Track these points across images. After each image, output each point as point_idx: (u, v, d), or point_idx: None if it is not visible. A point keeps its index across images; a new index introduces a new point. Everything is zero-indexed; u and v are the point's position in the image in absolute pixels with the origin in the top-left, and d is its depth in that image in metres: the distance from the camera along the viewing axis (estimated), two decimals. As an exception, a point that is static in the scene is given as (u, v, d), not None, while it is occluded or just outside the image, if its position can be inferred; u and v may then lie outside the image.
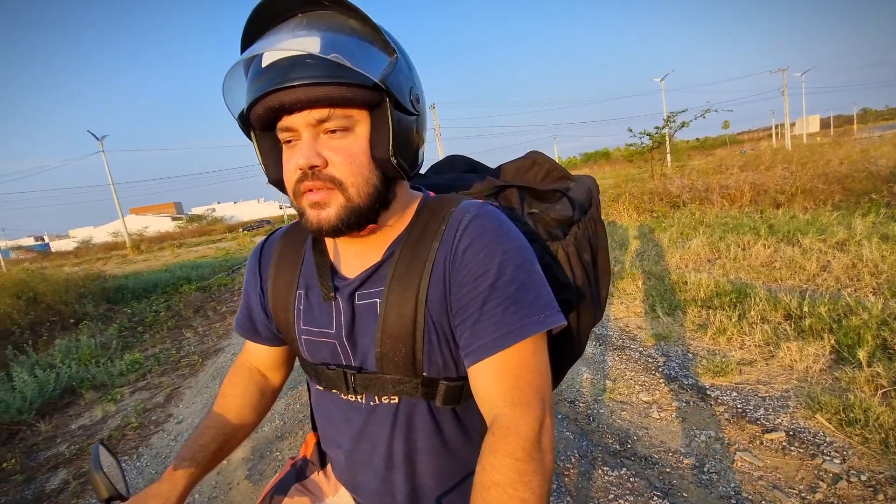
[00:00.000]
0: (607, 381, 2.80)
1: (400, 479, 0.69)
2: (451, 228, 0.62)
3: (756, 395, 2.41)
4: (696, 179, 8.82)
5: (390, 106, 0.56)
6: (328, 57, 0.52)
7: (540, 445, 0.52)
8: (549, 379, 0.58)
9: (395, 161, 0.58)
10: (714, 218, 6.76)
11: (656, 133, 13.91)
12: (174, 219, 60.00)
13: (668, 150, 17.53)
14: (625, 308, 4.03)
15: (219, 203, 74.59)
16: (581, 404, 2.59)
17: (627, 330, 3.56)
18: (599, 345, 3.35)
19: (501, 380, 0.56)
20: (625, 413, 2.44)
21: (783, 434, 2.07)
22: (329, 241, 0.71)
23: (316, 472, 0.83)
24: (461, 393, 0.66)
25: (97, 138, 29.93)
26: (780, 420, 2.17)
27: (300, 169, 0.57)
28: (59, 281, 7.76)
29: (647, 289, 4.23)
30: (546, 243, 0.75)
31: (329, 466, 0.82)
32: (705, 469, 1.94)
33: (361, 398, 0.68)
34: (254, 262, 0.78)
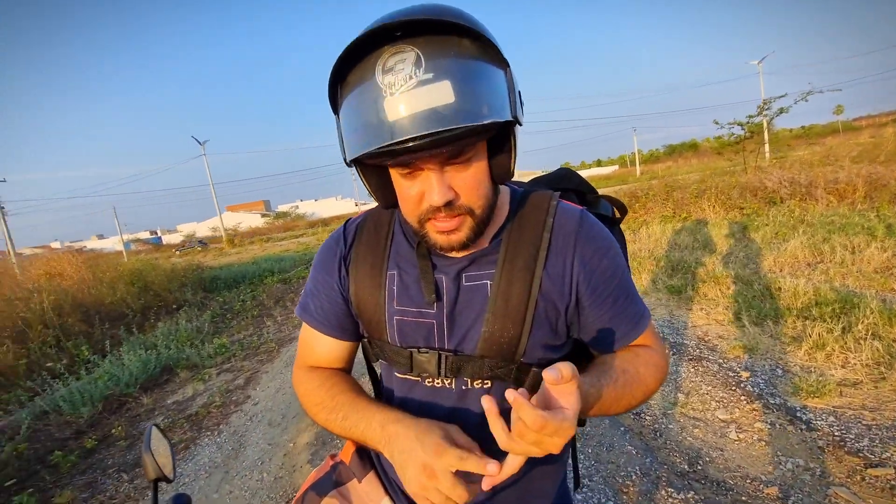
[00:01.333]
0: (679, 395, 2.58)
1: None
2: (565, 229, 0.67)
3: (859, 422, 2.09)
4: (798, 173, 7.85)
5: (514, 130, 0.58)
6: (478, 82, 0.52)
7: (665, 372, 0.69)
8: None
9: (511, 173, 0.63)
10: (818, 216, 5.98)
11: (749, 122, 12.55)
12: (263, 215, 65.29)
13: (765, 140, 15.77)
14: (705, 315, 3.69)
15: (301, 201, 79.81)
16: (647, 417, 2.41)
17: (706, 339, 3.26)
18: (673, 353, 3.10)
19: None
20: (697, 431, 2.23)
21: (892, 471, 1.77)
22: None
23: (354, 481, 0.82)
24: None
25: (199, 143, 33.36)
26: (889, 454, 1.86)
27: (434, 205, 0.57)
28: (166, 271, 8.75)
29: (732, 294, 3.85)
30: None
31: (370, 476, 0.81)
32: (790, 502, 1.72)
33: (451, 383, 0.68)
34: (334, 248, 0.77)
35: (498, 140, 0.59)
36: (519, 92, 0.58)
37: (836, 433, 2.03)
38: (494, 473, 0.53)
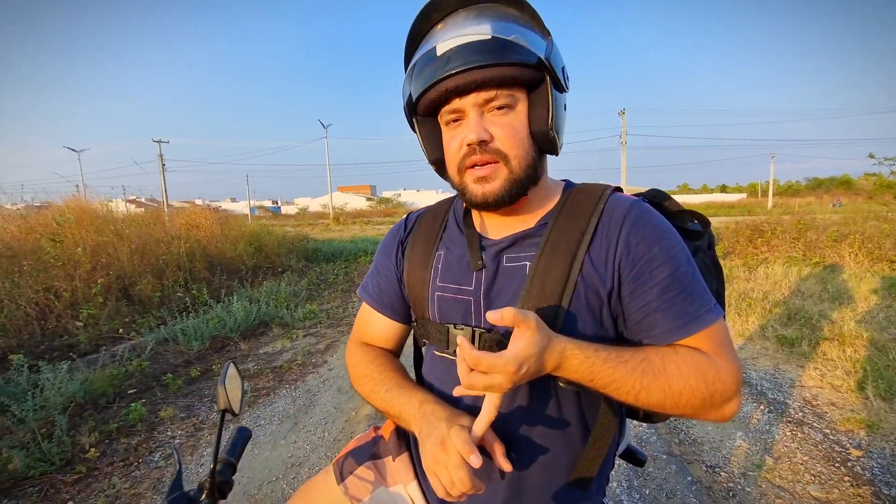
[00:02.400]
0: (766, 457, 2.26)
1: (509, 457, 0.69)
2: (614, 214, 0.66)
3: None
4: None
5: (550, 83, 0.62)
6: (508, 38, 0.59)
7: (721, 389, 0.59)
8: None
9: (552, 134, 0.64)
10: None
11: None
12: (367, 199, 69.58)
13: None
14: (818, 376, 3.18)
15: (404, 190, 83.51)
16: (723, 473, 2.16)
17: (814, 403, 2.81)
18: (769, 410, 2.73)
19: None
20: (780, 502, 1.95)
21: None
22: (476, 214, 0.76)
23: (389, 458, 0.86)
24: None
25: (324, 126, 36.50)
26: None
27: (468, 144, 0.63)
28: (279, 237, 9.75)
29: (859, 359, 3.26)
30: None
31: (404, 457, 0.84)
32: None
33: None
34: (397, 236, 0.85)
35: (538, 100, 0.64)
36: (563, 67, 0.66)
37: (975, 552, 1.64)
38: (475, 465, 0.55)
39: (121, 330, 4.25)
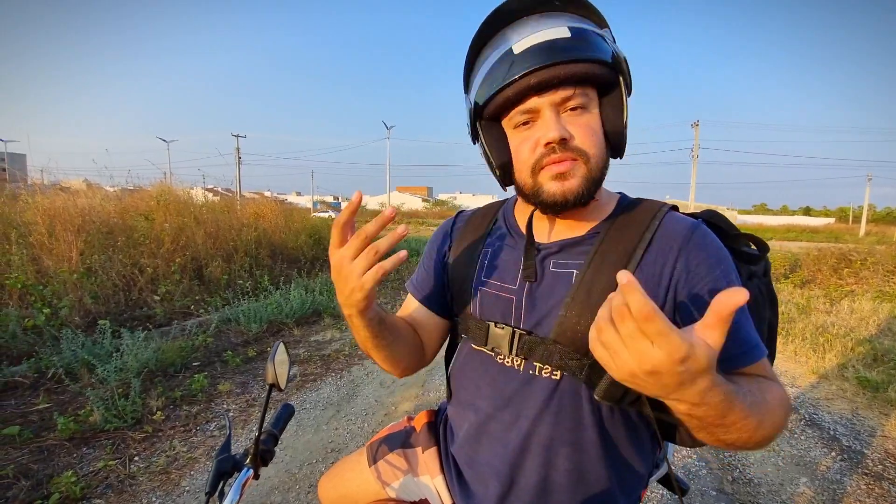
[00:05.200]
0: (836, 510, 2.05)
1: (533, 464, 0.68)
2: (673, 233, 0.64)
3: None
4: None
5: (623, 83, 0.63)
6: (584, 34, 0.60)
7: (790, 411, 0.58)
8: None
9: (624, 134, 0.65)
10: None
11: None
12: (424, 200, 70.72)
13: None
14: (907, 427, 2.83)
15: (460, 193, 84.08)
16: (781, 520, 1.98)
17: (900, 457, 2.50)
18: (842, 460, 2.46)
19: None
20: (849, 562, 1.75)
21: None
22: (525, 217, 0.74)
23: (420, 448, 0.89)
24: (623, 396, 0.57)
25: (387, 127, 37.57)
26: None
27: (550, 142, 0.62)
28: (337, 231, 10.13)
29: (960, 414, 2.87)
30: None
31: (432, 451, 0.86)
32: None
33: (520, 365, 0.69)
34: (445, 229, 0.89)
35: (610, 101, 0.64)
36: (625, 58, 0.65)
37: None
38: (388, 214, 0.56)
39: (192, 307, 4.62)
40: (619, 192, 0.76)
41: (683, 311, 0.61)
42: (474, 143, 0.73)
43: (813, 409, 3.12)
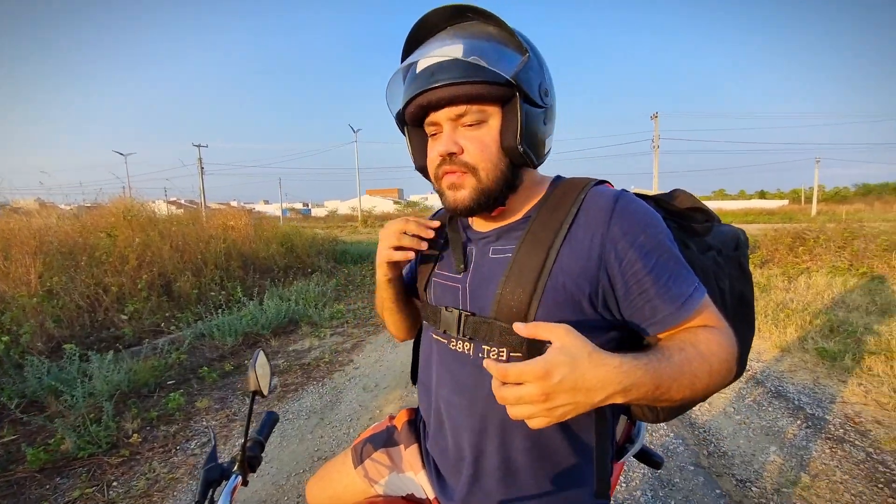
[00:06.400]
0: (802, 474, 2.18)
1: (493, 447, 0.71)
2: (598, 207, 0.66)
3: None
4: None
5: (520, 100, 0.64)
6: (467, 59, 0.62)
7: (733, 355, 0.62)
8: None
9: (521, 149, 0.66)
10: None
11: None
12: (395, 202, 70.37)
13: None
14: (863, 392, 3.03)
15: (431, 193, 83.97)
16: (754, 488, 2.09)
17: (857, 421, 2.68)
18: (807, 427, 2.62)
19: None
20: (817, 521, 1.87)
21: None
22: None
23: (402, 446, 0.92)
24: None
25: (354, 131, 37.21)
26: None
27: (440, 155, 0.68)
28: (309, 239, 10.00)
29: (908, 376, 3.09)
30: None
31: (414, 447, 0.90)
32: None
33: (470, 350, 0.73)
34: None
35: (509, 116, 0.66)
36: (541, 83, 0.67)
37: None
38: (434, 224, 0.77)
39: (162, 324, 4.47)
40: (555, 175, 0.80)
41: (621, 281, 0.64)
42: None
43: (778, 381, 3.30)
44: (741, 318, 0.79)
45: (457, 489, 0.76)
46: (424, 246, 0.77)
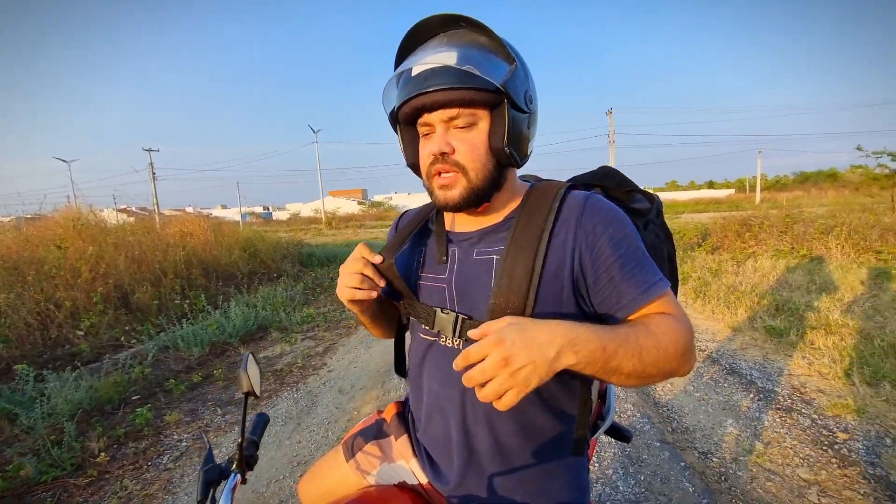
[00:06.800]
0: (757, 443, 2.36)
1: (483, 433, 0.76)
2: (571, 208, 0.74)
3: None
4: (964, 219, 6.55)
5: (508, 106, 0.70)
6: (462, 67, 0.67)
7: (687, 341, 0.67)
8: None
9: (508, 150, 0.72)
10: (983, 273, 4.97)
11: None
12: (360, 203, 69.47)
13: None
14: (806, 364, 3.29)
15: (396, 193, 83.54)
16: (715, 458, 2.25)
17: (803, 391, 2.91)
18: (759, 399, 2.83)
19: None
20: (770, 484, 2.04)
21: None
22: (449, 213, 0.86)
23: (392, 437, 0.95)
24: None
25: (314, 131, 36.50)
26: None
27: (433, 154, 0.72)
28: (272, 243, 9.76)
29: (846, 347, 3.38)
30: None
31: (404, 438, 0.93)
32: (873, 585, 1.52)
33: (459, 345, 0.77)
34: (393, 228, 0.99)
35: (497, 121, 0.72)
36: (526, 90, 0.73)
37: (952, 524, 1.74)
38: (377, 261, 0.78)
39: (122, 338, 4.27)
40: (533, 177, 0.85)
41: (590, 271, 0.71)
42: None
43: (732, 359, 3.53)
44: (671, 276, 0.91)
45: (452, 473, 0.80)
46: (382, 283, 0.79)
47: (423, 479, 0.88)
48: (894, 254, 6.20)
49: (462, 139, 0.71)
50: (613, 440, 2.35)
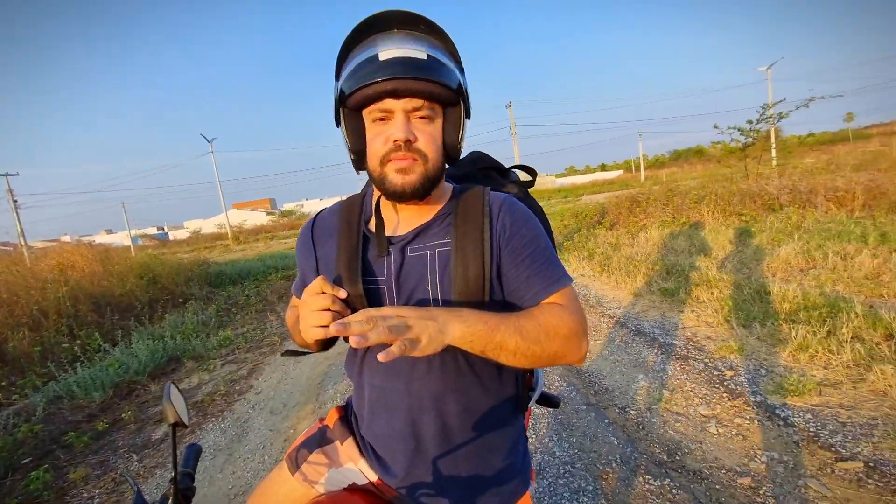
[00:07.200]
0: (664, 391, 2.68)
1: (430, 417, 0.80)
2: (496, 208, 0.81)
3: (835, 419, 2.19)
4: (799, 180, 7.91)
5: (463, 107, 0.76)
6: (442, 60, 0.72)
7: (578, 330, 0.75)
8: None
9: (461, 147, 0.78)
10: (814, 223, 6.05)
11: (749, 129, 12.57)
12: (268, 213, 65.59)
13: (773, 147, 15.77)
14: (695, 317, 3.79)
15: (307, 199, 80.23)
16: (632, 411, 2.52)
17: (695, 340, 3.36)
18: (661, 353, 3.21)
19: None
20: (679, 425, 2.34)
21: (861, 464, 1.87)
22: (386, 210, 0.85)
23: (337, 442, 0.95)
24: None
25: (208, 140, 33.67)
26: (859, 449, 1.96)
27: (396, 140, 0.73)
28: (173, 266, 8.91)
29: (723, 298, 3.94)
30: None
31: (349, 440, 0.93)
32: (761, 492, 1.82)
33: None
34: (307, 235, 0.93)
35: (451, 119, 0.77)
36: (467, 89, 0.78)
37: (812, 429, 2.13)
38: (343, 295, 0.73)
39: (-3, 396, 3.67)
40: (451, 182, 0.91)
41: (509, 261, 0.79)
42: (337, 127, 0.83)
43: (636, 321, 3.95)
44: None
45: (399, 465, 0.83)
46: (348, 312, 0.75)
47: (373, 477, 0.89)
48: (753, 215, 7.31)
49: (423, 130, 0.74)
50: (547, 411, 2.55)
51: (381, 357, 0.60)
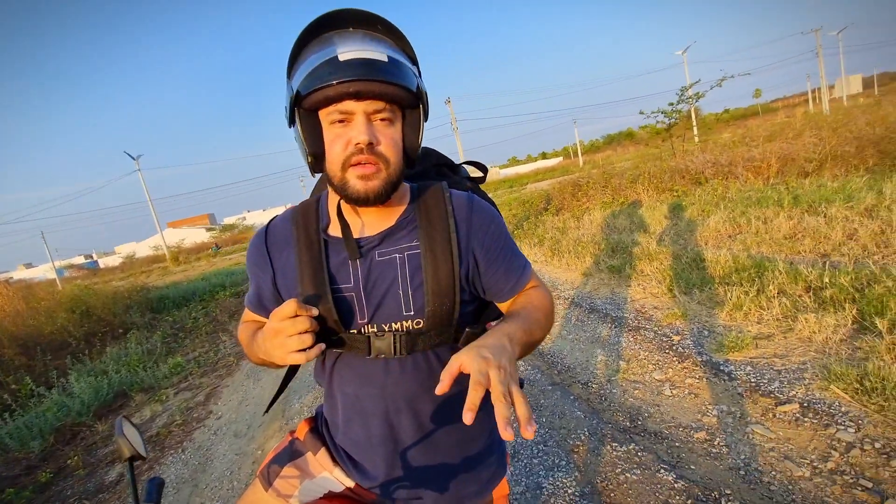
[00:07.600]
0: (621, 362, 2.84)
1: (407, 420, 0.80)
2: (460, 208, 0.82)
3: (771, 368, 2.41)
4: (719, 154, 8.54)
5: (422, 109, 0.76)
6: (402, 62, 0.71)
7: (552, 300, 0.85)
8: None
9: (421, 150, 0.78)
10: (737, 193, 6.58)
11: (671, 110, 13.46)
12: (208, 229, 62.19)
13: (694, 125, 16.95)
14: (641, 290, 4.02)
15: (248, 212, 76.97)
16: (594, 385, 2.65)
17: (643, 311, 3.57)
18: (615, 327, 3.38)
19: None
20: (637, 392, 2.49)
21: (797, 406, 2.07)
22: (347, 214, 0.82)
23: (309, 454, 0.93)
24: (475, 336, 0.78)
25: (133, 158, 31.40)
26: (794, 392, 2.17)
27: (358, 144, 0.70)
28: (108, 295, 8.27)
29: (664, 269, 4.21)
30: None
31: (322, 449, 0.92)
32: (716, 442, 1.97)
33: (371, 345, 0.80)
34: (260, 247, 0.86)
35: (411, 122, 0.77)
36: (426, 91, 0.78)
37: (753, 380, 2.34)
38: (313, 313, 0.70)
39: (-89, 462, 3.26)
40: (406, 181, 0.89)
41: (483, 264, 0.82)
42: (290, 127, 0.78)
43: (589, 299, 4.14)
44: None
45: (378, 469, 0.83)
46: (317, 327, 0.72)
47: (350, 483, 0.89)
48: (684, 190, 7.82)
49: (384, 133, 0.72)
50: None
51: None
